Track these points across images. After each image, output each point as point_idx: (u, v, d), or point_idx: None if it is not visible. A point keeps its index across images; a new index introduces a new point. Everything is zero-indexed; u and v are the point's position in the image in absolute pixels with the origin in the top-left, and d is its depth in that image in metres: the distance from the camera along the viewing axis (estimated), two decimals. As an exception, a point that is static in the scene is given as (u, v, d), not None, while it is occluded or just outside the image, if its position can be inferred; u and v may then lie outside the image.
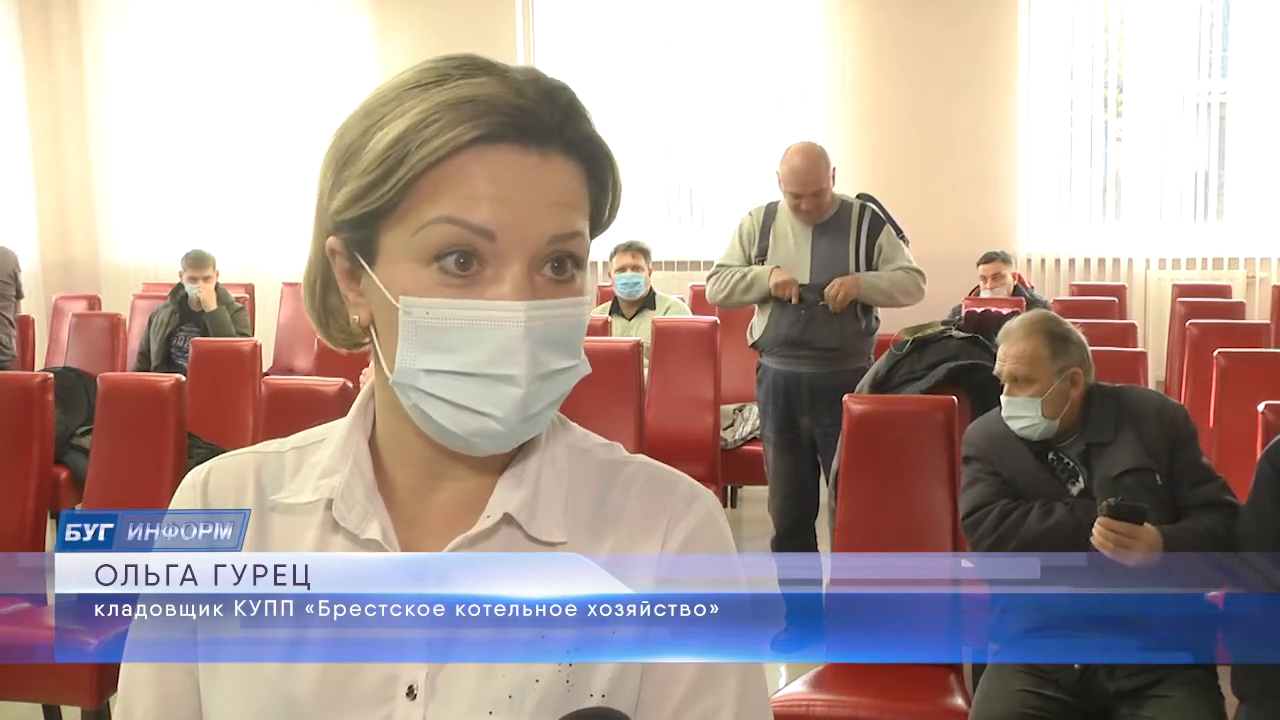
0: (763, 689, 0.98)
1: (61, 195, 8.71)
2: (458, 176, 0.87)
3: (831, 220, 4.21)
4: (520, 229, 0.87)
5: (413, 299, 0.88)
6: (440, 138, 0.86)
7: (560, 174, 0.89)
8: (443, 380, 0.89)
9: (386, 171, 0.87)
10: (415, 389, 0.90)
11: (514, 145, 0.88)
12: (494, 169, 0.87)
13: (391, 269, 0.90)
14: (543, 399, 0.90)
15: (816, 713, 2.76)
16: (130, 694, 0.99)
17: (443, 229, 0.87)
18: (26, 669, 3.18)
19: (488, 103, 0.87)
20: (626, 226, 6.88)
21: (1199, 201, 7.45)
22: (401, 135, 0.87)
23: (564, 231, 0.89)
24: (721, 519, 0.99)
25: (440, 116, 0.86)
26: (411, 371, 0.89)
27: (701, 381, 4.92)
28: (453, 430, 0.90)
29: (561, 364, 0.91)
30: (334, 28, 8.23)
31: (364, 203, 0.89)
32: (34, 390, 3.66)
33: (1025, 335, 2.83)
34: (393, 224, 0.89)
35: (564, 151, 0.90)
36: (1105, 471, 2.73)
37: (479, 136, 0.86)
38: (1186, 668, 2.67)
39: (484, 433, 0.90)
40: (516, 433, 0.90)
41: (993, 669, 2.78)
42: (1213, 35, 7.40)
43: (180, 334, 5.99)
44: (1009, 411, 2.81)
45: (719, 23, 7.81)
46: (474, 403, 0.88)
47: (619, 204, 0.96)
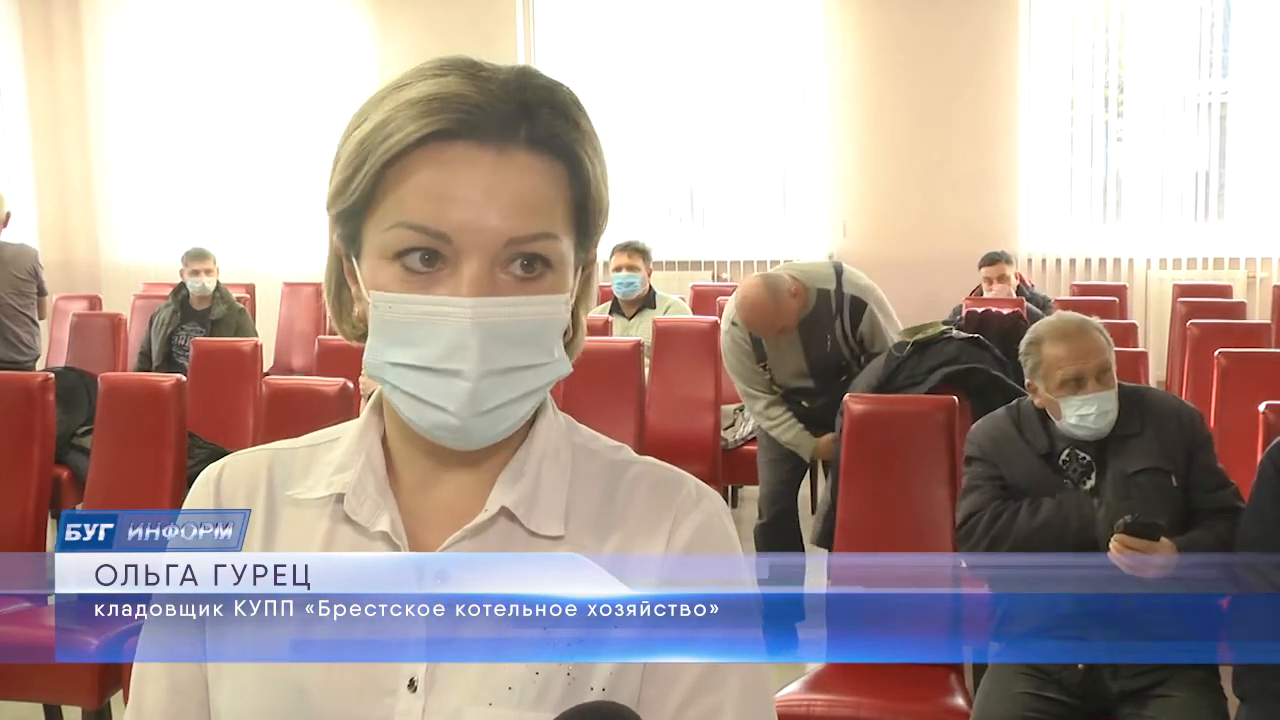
0: (765, 689, 0.98)
1: (62, 195, 8.71)
2: (417, 174, 0.88)
3: (811, 318, 4.12)
4: (476, 228, 0.88)
5: (379, 293, 0.90)
6: (397, 135, 0.88)
7: (524, 172, 0.89)
8: (404, 373, 0.90)
9: (355, 169, 0.90)
10: (384, 381, 0.92)
11: (470, 142, 0.88)
12: (451, 167, 0.88)
13: (369, 264, 0.92)
14: (498, 395, 0.90)
15: (817, 713, 2.76)
16: (141, 685, 1.01)
17: (401, 232, 0.89)
18: (27, 669, 3.18)
19: (444, 100, 0.88)
20: (627, 226, 6.88)
21: (1200, 201, 7.45)
22: (369, 134, 0.89)
23: (524, 234, 0.89)
24: (727, 519, 1.00)
25: (401, 113, 0.88)
26: (379, 364, 0.92)
27: (702, 381, 4.92)
28: (417, 422, 0.92)
29: (521, 361, 0.91)
30: (334, 28, 8.23)
31: (341, 199, 0.92)
32: (35, 390, 3.66)
33: (1083, 332, 2.76)
34: (370, 220, 0.91)
35: (531, 149, 0.90)
36: (1120, 468, 2.72)
37: (433, 133, 0.87)
38: (1189, 668, 2.67)
39: (441, 426, 0.91)
40: (473, 427, 0.91)
41: (994, 669, 2.77)
42: (1213, 35, 7.40)
43: (181, 333, 5.99)
44: (1094, 409, 2.69)
45: (720, 22, 7.81)
46: (429, 395, 0.90)
47: (606, 204, 0.95)
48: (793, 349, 4.15)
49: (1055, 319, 2.86)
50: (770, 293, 4.03)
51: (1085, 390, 2.70)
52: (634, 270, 5.49)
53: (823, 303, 4.12)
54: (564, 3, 8.05)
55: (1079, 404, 2.70)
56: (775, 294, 4.02)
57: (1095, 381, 2.70)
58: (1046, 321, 2.89)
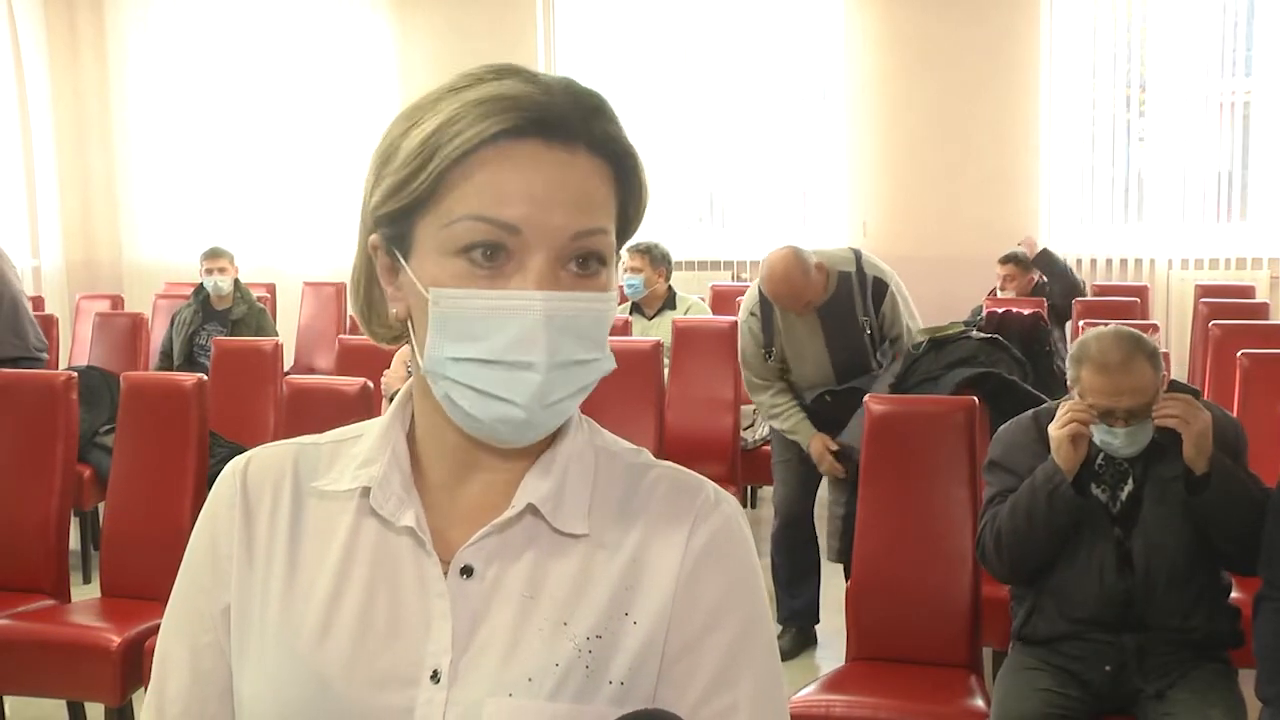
0: (780, 689, 0.99)
1: (85, 196, 8.77)
2: (485, 170, 0.90)
3: (833, 300, 4.10)
4: (544, 223, 0.90)
5: (441, 290, 0.91)
6: (467, 132, 0.89)
7: (585, 172, 0.92)
8: (468, 368, 0.91)
9: (419, 166, 0.91)
10: (444, 377, 0.93)
11: (539, 141, 0.90)
12: (519, 164, 0.90)
13: (424, 262, 0.93)
14: (562, 388, 0.92)
15: (836, 713, 2.76)
16: (163, 672, 1.02)
17: (469, 224, 0.90)
18: (50, 666, 3.20)
19: (514, 100, 0.90)
20: (646, 227, 6.87)
21: (1222, 201, 7.40)
22: (433, 132, 0.90)
23: (586, 228, 0.92)
24: (744, 525, 1.01)
25: (468, 113, 0.90)
26: (440, 360, 0.92)
27: (721, 382, 4.91)
28: (477, 416, 0.93)
29: (582, 355, 0.93)
30: (355, 29, 8.26)
31: (399, 197, 0.92)
32: (58, 389, 3.69)
33: (1126, 368, 2.63)
34: (426, 218, 0.92)
35: (590, 151, 0.93)
36: (1161, 473, 2.70)
37: (503, 130, 0.89)
38: (1206, 666, 2.67)
39: (506, 419, 0.92)
40: (537, 420, 0.92)
41: (1012, 668, 2.77)
42: (1236, 34, 7.35)
43: (203, 333, 6.02)
44: (1118, 441, 2.65)
45: (739, 22, 7.80)
46: (496, 389, 0.91)
47: (645, 207, 0.99)
48: (813, 338, 4.13)
49: (1110, 339, 2.68)
50: (800, 261, 4.01)
51: (1114, 423, 2.66)
52: (636, 271, 5.48)
53: (844, 285, 4.10)
54: (585, 3, 8.06)
55: (1106, 430, 2.67)
56: (804, 264, 4.01)
57: (1124, 421, 2.64)
58: (1097, 338, 2.71)
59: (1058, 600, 2.73)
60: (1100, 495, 2.73)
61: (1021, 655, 2.78)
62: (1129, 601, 2.67)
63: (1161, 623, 2.66)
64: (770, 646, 0.99)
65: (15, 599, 3.43)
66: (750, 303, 4.22)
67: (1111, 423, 2.65)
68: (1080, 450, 2.66)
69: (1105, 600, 2.67)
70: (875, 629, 3.03)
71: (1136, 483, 2.73)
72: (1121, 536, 2.70)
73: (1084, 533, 2.70)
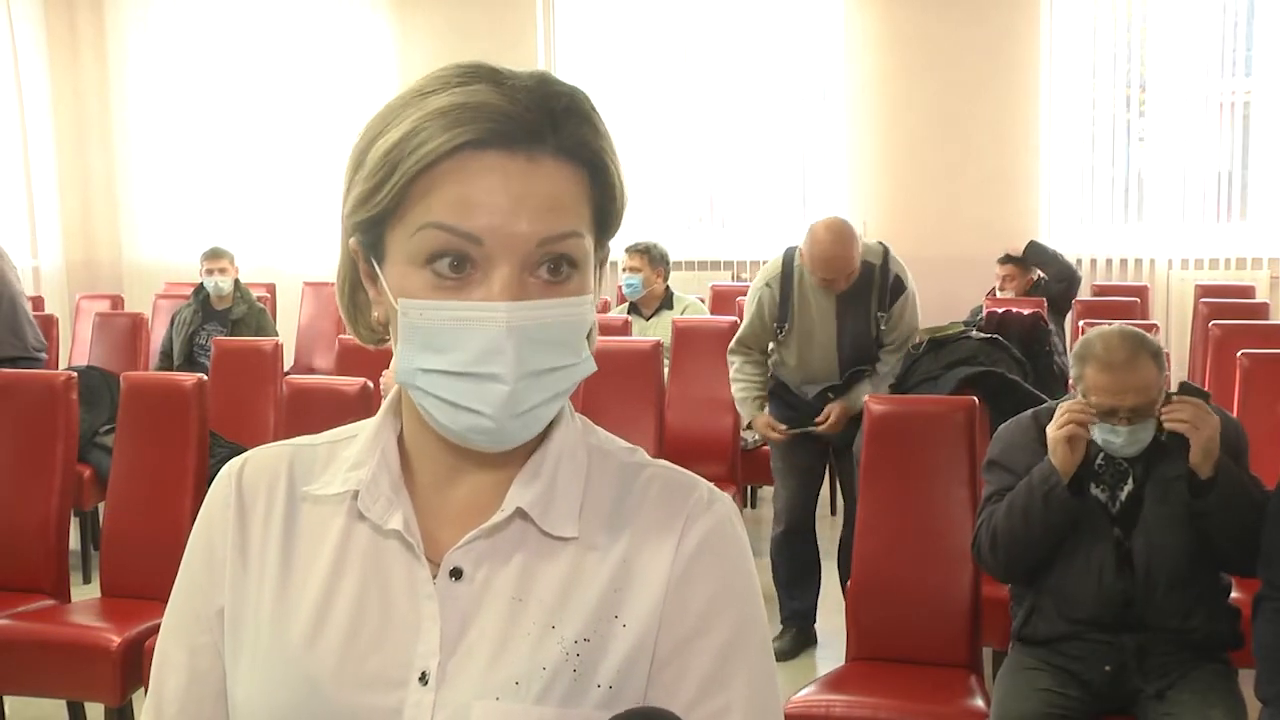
0: (774, 691, 0.99)
1: (85, 196, 8.77)
2: (447, 182, 0.89)
3: (855, 286, 4.12)
4: (508, 232, 0.89)
5: (408, 300, 0.91)
6: (428, 144, 0.89)
7: (552, 177, 0.91)
8: (436, 379, 0.91)
9: (383, 179, 0.91)
10: (415, 387, 0.93)
11: (501, 151, 0.89)
12: (482, 174, 0.89)
13: (395, 270, 0.93)
14: (533, 397, 0.92)
15: (836, 713, 2.76)
16: (162, 672, 1.02)
17: (432, 234, 0.90)
18: (50, 666, 3.20)
19: (475, 109, 0.89)
20: (645, 227, 6.88)
21: (1222, 201, 7.40)
22: (397, 143, 0.90)
23: (553, 234, 0.90)
24: (738, 524, 1.01)
25: (431, 124, 0.89)
26: (410, 370, 0.92)
27: (721, 381, 4.90)
28: (450, 427, 0.92)
29: (555, 363, 0.92)
30: (355, 29, 8.26)
31: (367, 206, 0.93)
32: (58, 389, 3.69)
33: (1130, 366, 2.63)
34: (395, 227, 0.92)
35: (557, 155, 0.91)
36: (1163, 473, 2.70)
37: (465, 142, 0.89)
38: (1206, 666, 2.67)
39: (477, 429, 0.92)
40: (509, 429, 0.92)
41: (1012, 668, 2.77)
42: (1236, 34, 7.35)
43: (203, 333, 6.02)
44: (1120, 440, 2.65)
45: (739, 23, 7.80)
46: (465, 400, 0.91)
47: (623, 207, 0.97)
48: (826, 321, 4.15)
49: (1115, 338, 2.69)
50: (853, 231, 4.08)
51: (1117, 422, 2.66)
52: (635, 271, 5.49)
53: (866, 274, 4.13)
54: (585, 4, 8.06)
55: (1108, 429, 2.67)
56: (855, 236, 4.08)
57: (1127, 420, 2.65)
58: (1102, 336, 2.72)
59: (1057, 600, 2.73)
60: (1100, 495, 2.73)
61: (1021, 655, 2.78)
62: (1129, 602, 2.67)
63: (1161, 623, 2.66)
64: (764, 648, 0.98)
65: (15, 599, 3.43)
66: (769, 274, 4.24)
67: (1114, 422, 2.65)
68: (1077, 452, 2.66)
69: (1105, 600, 2.67)
70: (875, 629, 3.03)
71: (1136, 483, 2.73)
72: (1121, 537, 2.70)
73: (1083, 533, 2.70)
